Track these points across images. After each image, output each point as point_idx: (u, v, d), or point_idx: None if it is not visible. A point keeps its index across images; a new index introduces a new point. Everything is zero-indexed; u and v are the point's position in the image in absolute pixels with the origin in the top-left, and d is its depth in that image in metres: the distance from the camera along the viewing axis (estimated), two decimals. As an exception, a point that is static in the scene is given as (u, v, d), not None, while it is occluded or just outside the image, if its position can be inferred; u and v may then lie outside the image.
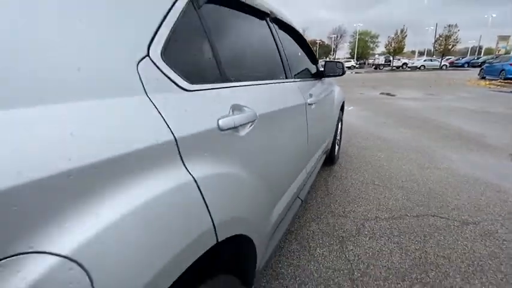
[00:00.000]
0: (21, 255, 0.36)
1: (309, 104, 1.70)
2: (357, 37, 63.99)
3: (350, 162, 3.38)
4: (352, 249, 1.80)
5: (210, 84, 0.82)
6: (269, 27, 1.48)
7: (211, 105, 0.78)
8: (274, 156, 1.16)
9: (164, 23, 0.68)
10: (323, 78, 2.41)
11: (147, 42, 0.63)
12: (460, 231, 1.97)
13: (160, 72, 0.64)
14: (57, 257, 0.38)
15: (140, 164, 0.53)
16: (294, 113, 1.44)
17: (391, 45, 38.96)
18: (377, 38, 69.50)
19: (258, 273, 1.15)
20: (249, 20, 1.29)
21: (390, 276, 1.56)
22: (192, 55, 0.81)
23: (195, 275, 0.68)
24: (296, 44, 2.02)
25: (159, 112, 0.59)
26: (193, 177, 0.63)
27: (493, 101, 8.13)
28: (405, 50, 49.16)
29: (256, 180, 0.95)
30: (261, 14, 1.39)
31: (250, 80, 1.10)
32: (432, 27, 43.04)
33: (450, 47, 35.52)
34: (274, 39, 1.51)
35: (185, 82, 0.71)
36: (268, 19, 1.48)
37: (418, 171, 3.02)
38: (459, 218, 2.13)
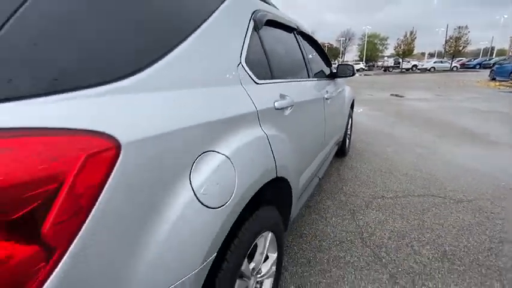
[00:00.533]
0: (212, 152, 0.78)
1: (326, 99, 2.11)
2: (366, 40, 63.99)
3: (360, 155, 3.75)
4: (361, 218, 2.18)
5: (267, 80, 1.24)
6: (296, 38, 1.91)
7: (269, 93, 1.20)
8: (303, 134, 1.57)
9: (245, 42, 1.11)
10: (336, 79, 2.81)
11: (239, 55, 1.06)
12: (454, 206, 2.32)
13: (245, 72, 1.06)
14: (224, 156, 0.81)
15: (241, 122, 0.95)
16: (316, 104, 1.85)
17: (400, 48, 38.90)
18: (386, 40, 69.26)
19: (291, 223, 1.55)
20: (284, 34, 1.73)
21: (393, 236, 1.94)
22: (257, 61, 1.24)
23: (259, 200, 1.09)
24: (314, 50, 2.44)
25: (249, 95, 1.02)
26: (265, 134, 1.05)
27: (501, 101, 8.30)
28: (415, 52, 48.90)
29: (294, 146, 1.36)
30: (290, 29, 1.82)
31: (287, 78, 1.52)
32: (443, 29, 42.80)
33: (461, 48, 35.20)
34: (299, 47, 1.94)
35: (256, 78, 1.13)
36: (295, 32, 1.91)
37: (422, 162, 3.36)
38: (455, 197, 2.48)
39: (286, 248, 1.82)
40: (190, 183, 0.70)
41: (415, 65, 37.30)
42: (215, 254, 0.78)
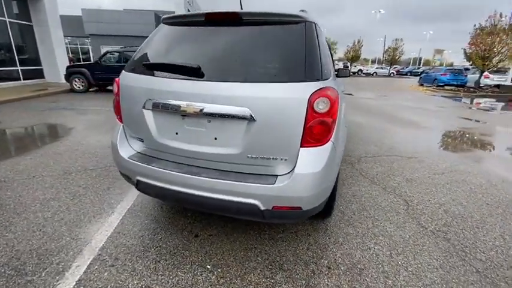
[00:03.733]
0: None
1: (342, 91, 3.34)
2: (319, 43, 68.84)
3: (342, 134, 5.18)
4: (356, 167, 3.49)
5: (330, 78, 2.35)
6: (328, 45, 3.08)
7: (337, 85, 2.33)
8: (343, 115, 2.75)
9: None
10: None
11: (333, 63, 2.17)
12: (408, 160, 3.82)
13: (332, 71, 2.18)
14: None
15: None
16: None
17: (349, 53, 43.41)
18: (335, 44, 75.88)
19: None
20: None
21: (379, 173, 3.29)
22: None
23: None
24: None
25: (337, 84, 2.13)
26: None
27: (426, 101, 10.88)
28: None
29: (343, 125, 2.52)
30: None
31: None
32: (382, 38, 49.22)
33: (397, 57, 41.04)
34: (330, 52, 3.11)
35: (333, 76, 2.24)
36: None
37: (382, 138, 4.91)
38: (407, 155, 4.00)
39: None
40: None
41: (360, 70, 42.19)
42: None
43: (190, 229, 2.10)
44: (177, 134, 1.63)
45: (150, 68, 1.67)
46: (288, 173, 1.53)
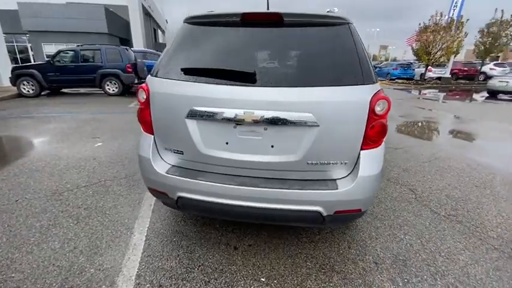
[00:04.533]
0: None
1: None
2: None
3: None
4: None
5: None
6: None
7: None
8: None
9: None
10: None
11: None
12: (396, 151, 4.12)
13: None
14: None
15: None
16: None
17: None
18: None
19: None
20: None
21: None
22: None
23: None
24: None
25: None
26: None
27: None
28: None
29: None
30: None
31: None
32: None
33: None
34: None
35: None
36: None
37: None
38: (394, 146, 4.31)
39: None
40: None
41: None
42: None
43: (226, 241, 1.99)
44: (227, 143, 1.52)
45: (194, 73, 1.51)
46: (346, 176, 1.53)
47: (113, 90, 9.29)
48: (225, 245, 1.95)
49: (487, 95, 11.96)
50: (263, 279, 1.66)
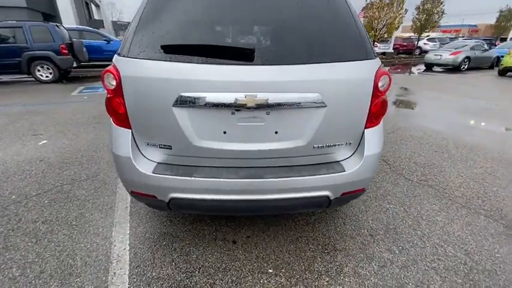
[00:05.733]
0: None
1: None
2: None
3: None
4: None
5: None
6: None
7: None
8: None
9: None
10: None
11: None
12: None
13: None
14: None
15: None
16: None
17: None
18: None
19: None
20: None
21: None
22: None
23: None
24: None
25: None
26: None
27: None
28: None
29: None
30: None
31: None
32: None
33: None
34: None
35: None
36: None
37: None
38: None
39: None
40: None
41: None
42: None
43: (222, 237, 1.86)
44: (225, 133, 1.34)
45: (179, 50, 1.24)
46: (350, 156, 1.50)
47: (47, 76, 7.88)
48: (222, 241, 1.82)
49: (424, 68, 13.30)
50: (271, 271, 1.59)
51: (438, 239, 1.86)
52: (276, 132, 1.36)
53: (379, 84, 1.38)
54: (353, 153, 1.49)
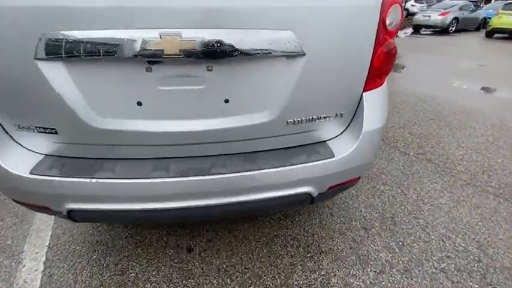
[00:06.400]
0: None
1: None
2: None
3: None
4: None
5: None
6: None
7: None
8: None
9: None
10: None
11: None
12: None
13: None
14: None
15: None
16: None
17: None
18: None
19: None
20: None
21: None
22: None
23: None
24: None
25: None
26: None
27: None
28: None
29: None
30: None
31: None
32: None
33: None
34: None
35: None
36: None
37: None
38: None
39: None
40: None
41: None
42: None
43: (174, 243, 1.42)
44: (139, 104, 0.81)
45: None
46: (341, 133, 1.03)
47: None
48: (174, 249, 1.38)
49: (412, 30, 12.69)
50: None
51: (444, 229, 1.52)
52: (227, 101, 0.85)
53: (388, 19, 0.87)
54: (345, 129, 1.03)
